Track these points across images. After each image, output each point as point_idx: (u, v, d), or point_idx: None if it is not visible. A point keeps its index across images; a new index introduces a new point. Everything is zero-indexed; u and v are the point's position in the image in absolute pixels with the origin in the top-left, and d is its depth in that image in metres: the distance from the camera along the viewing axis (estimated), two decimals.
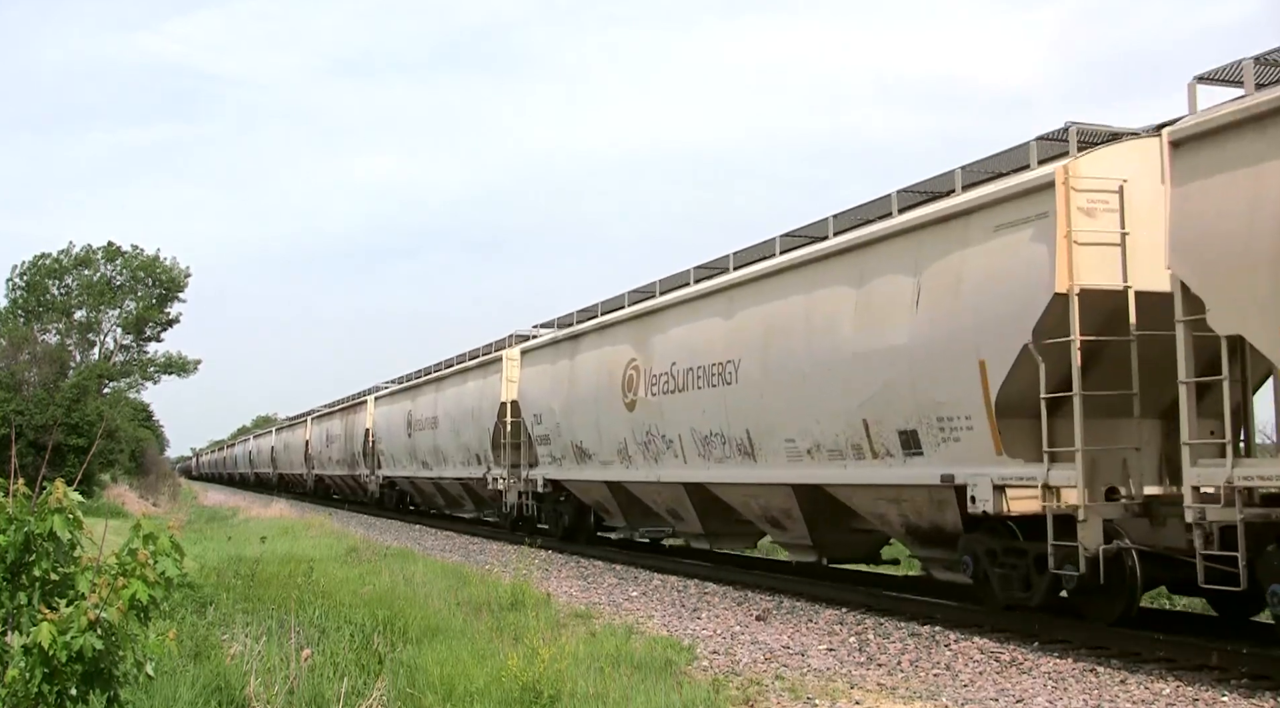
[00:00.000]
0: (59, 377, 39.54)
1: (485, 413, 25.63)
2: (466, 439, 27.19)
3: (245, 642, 8.98)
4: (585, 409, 19.82)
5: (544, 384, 21.90)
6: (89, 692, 4.78)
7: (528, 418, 22.74)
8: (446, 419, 29.06)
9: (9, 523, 4.95)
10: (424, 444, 31.41)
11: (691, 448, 16.19)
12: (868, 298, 12.45)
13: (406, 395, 34.10)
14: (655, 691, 7.78)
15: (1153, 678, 8.97)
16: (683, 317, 16.77)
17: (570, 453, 20.67)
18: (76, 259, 52.20)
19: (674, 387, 16.54)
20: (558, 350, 21.59)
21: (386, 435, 35.98)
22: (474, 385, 27.00)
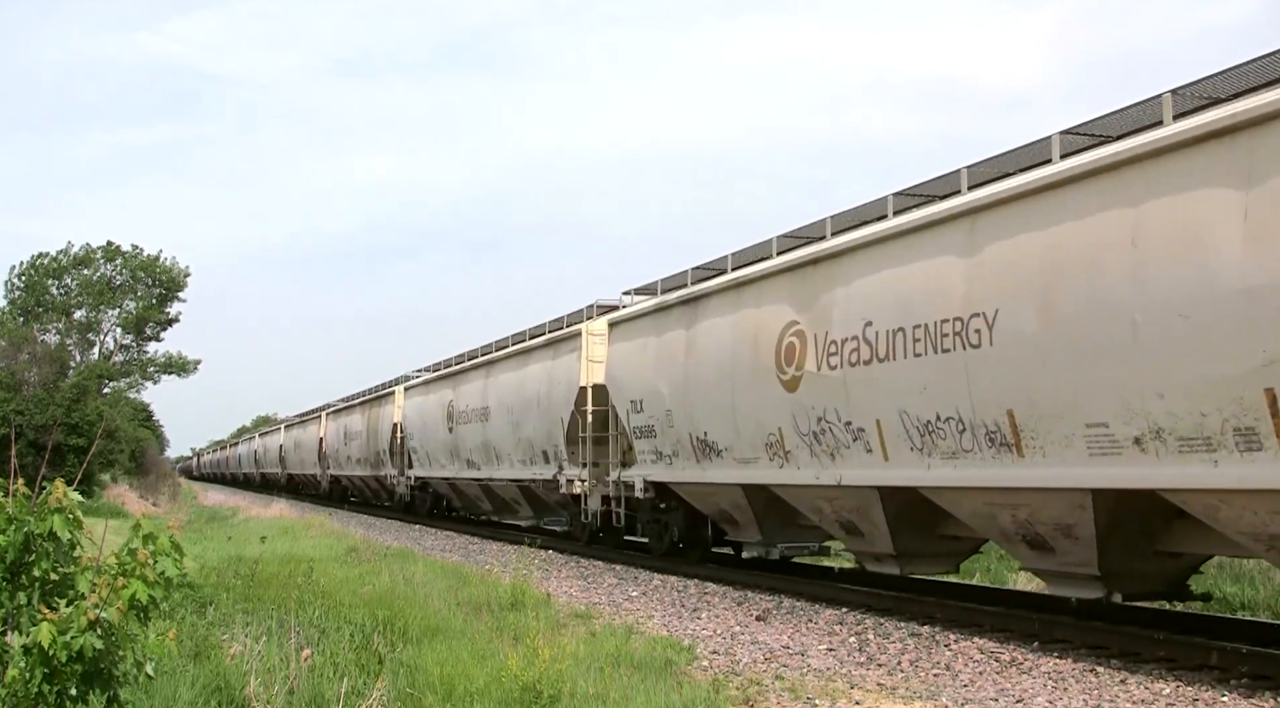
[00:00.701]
0: (59, 377, 39.54)
1: (557, 401, 21.36)
2: (530, 433, 22.81)
3: (245, 642, 8.98)
4: (712, 392, 15.38)
5: (644, 363, 17.64)
6: (89, 692, 4.78)
7: (620, 406, 18.56)
8: (501, 410, 24.63)
9: (9, 523, 4.95)
10: (470, 440, 26.97)
11: (898, 440, 11.79)
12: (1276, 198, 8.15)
13: (446, 384, 29.83)
14: (655, 691, 7.78)
15: (1153, 678, 8.98)
16: (881, 260, 12.22)
17: (687, 448, 16.34)
18: (76, 259, 52.18)
19: (868, 356, 12.14)
20: (665, 319, 17.18)
21: (420, 431, 31.73)
22: (540, 369, 22.69)
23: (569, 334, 21.48)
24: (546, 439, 21.93)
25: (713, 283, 16.05)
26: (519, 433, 23.45)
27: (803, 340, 13.34)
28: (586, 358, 20.05)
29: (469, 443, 27.02)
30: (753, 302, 14.69)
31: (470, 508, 30.94)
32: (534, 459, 22.71)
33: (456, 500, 31.63)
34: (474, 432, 26.56)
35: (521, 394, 23.42)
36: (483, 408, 26.03)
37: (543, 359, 22.69)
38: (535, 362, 23.11)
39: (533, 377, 22.99)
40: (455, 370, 29.46)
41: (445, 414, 29.03)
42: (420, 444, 31.73)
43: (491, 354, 26.88)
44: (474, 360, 28.11)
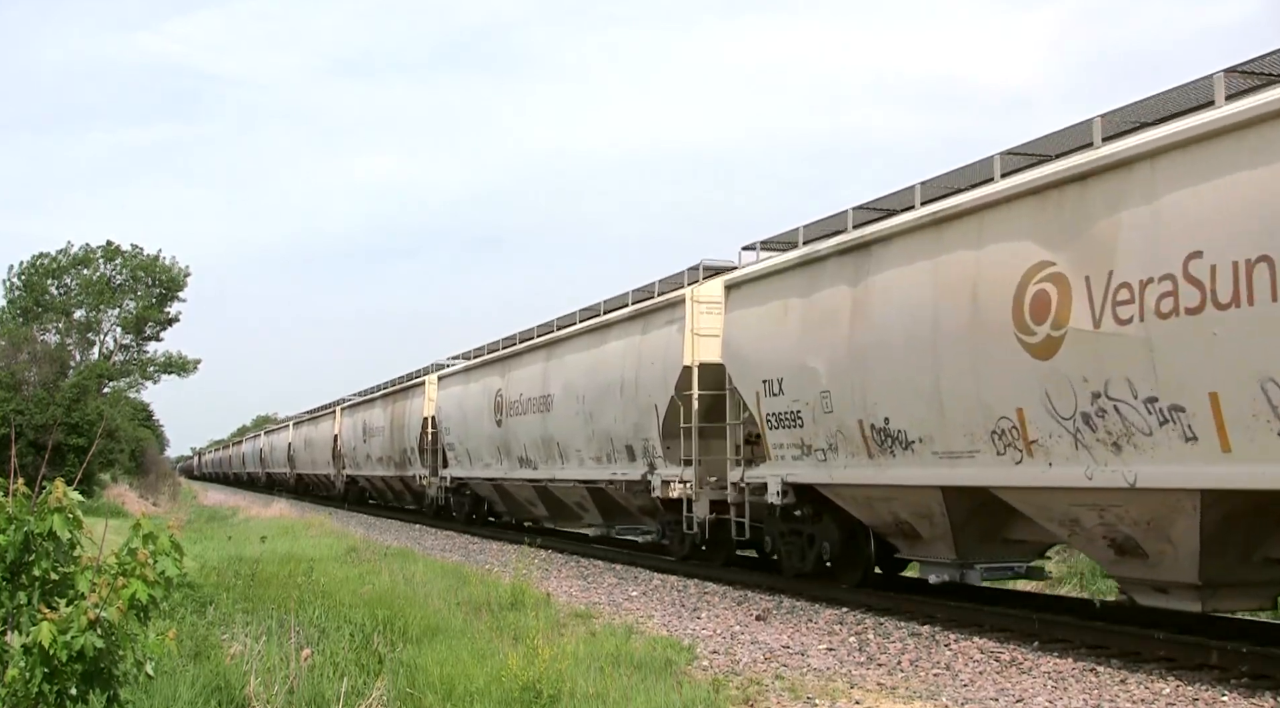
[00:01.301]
0: (59, 376, 39.52)
1: (650, 385, 17.55)
2: (608, 425, 19.03)
3: (245, 642, 8.98)
4: (899, 366, 11.77)
5: (783, 332, 13.87)
6: (89, 691, 4.78)
7: (745, 388, 14.83)
8: (569, 398, 20.76)
9: (9, 523, 4.95)
10: (524, 434, 23.04)
11: (1253, 422, 8.27)
12: None
13: (493, 370, 25.80)
14: (655, 690, 7.79)
15: (1153, 678, 8.97)
16: (1216, 160, 8.55)
17: (854, 440, 12.58)
18: (76, 259, 52.17)
19: (1194, 302, 8.56)
20: (816, 274, 13.30)
21: (458, 425, 27.87)
22: (624, 347, 18.82)
23: (666, 303, 17.65)
24: (633, 432, 18.06)
25: (892, 223, 12.28)
26: (593, 425, 19.61)
27: (1063, 287, 9.73)
28: (691, 330, 16.51)
29: (523, 438, 23.15)
30: (966, 240, 10.98)
31: (518, 513, 26.92)
32: (612, 456, 18.99)
33: (501, 504, 27.20)
34: (530, 425, 22.69)
35: (597, 379, 19.55)
36: (542, 397, 22.07)
37: (628, 335, 18.77)
38: (617, 338, 19.20)
39: (613, 357, 19.08)
40: (505, 354, 25.24)
41: (491, 405, 25.17)
42: (458, 440, 27.90)
43: (555, 333, 22.59)
44: (530, 342, 23.87)
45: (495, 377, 25.53)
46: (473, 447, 26.90)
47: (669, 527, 18.08)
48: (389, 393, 37.09)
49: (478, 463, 26.66)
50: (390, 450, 35.61)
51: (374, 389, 40.84)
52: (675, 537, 18.05)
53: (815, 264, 13.47)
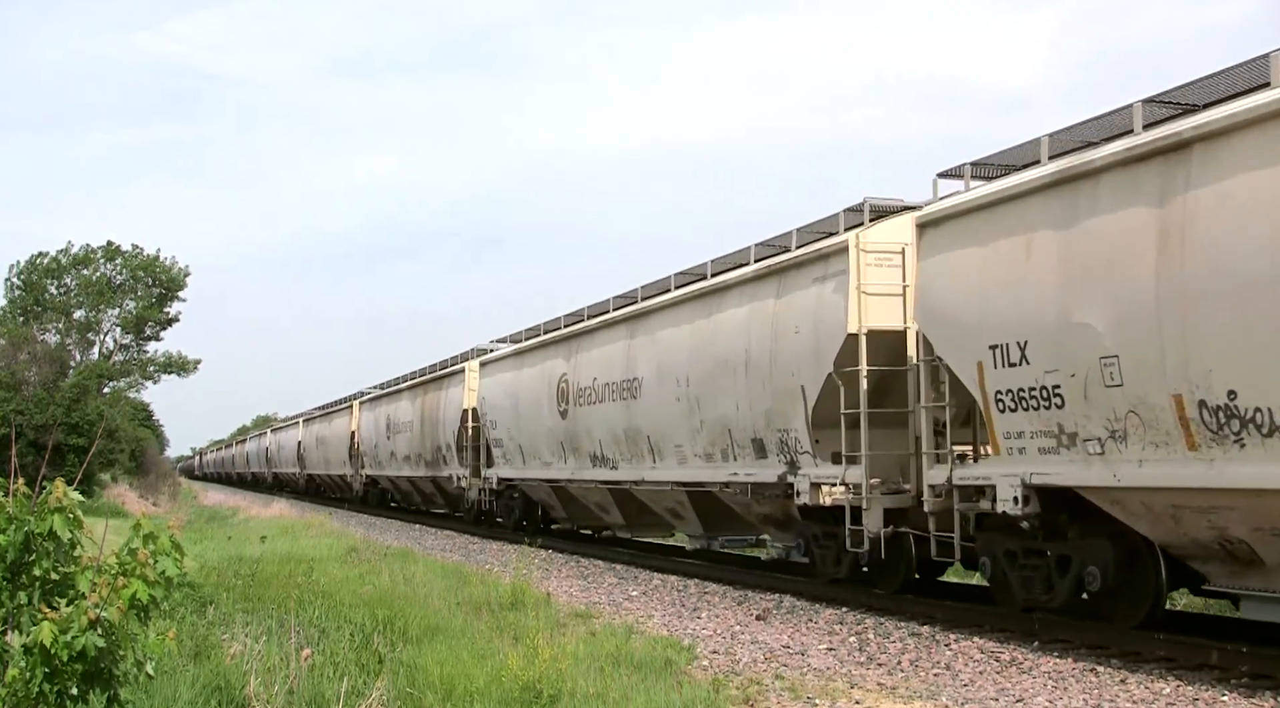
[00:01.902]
0: (59, 376, 39.54)
1: (792, 360, 13.76)
2: (725, 413, 15.26)
3: (245, 641, 8.98)
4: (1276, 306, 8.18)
5: (1028, 278, 10.30)
6: (89, 691, 4.78)
7: (959, 358, 11.31)
8: (665, 382, 16.84)
9: (9, 522, 4.95)
10: (598, 427, 19.28)
11: None
12: None
13: (553, 352, 21.91)
14: (655, 690, 7.79)
15: (1153, 678, 8.97)
16: None
17: (1173, 424, 8.98)
18: (75, 259, 52.18)
19: None
20: (1092, 194, 9.73)
21: (508, 417, 23.94)
22: (746, 314, 14.95)
23: (816, 255, 13.70)
24: (764, 422, 14.50)
25: (1233, 109, 8.69)
26: (700, 414, 15.95)
27: None
28: (857, 287, 12.80)
29: (597, 432, 19.40)
30: None
31: (583, 520, 23.13)
32: (730, 452, 15.38)
33: (561, 510, 23.27)
34: (607, 415, 18.92)
35: (707, 356, 15.77)
36: (625, 381, 18.26)
37: (755, 299, 14.93)
38: (736, 304, 15.34)
39: (732, 328, 15.25)
40: (570, 333, 21.33)
41: (553, 393, 21.33)
42: (508, 435, 23.99)
43: (641, 304, 18.73)
44: (604, 316, 20.08)
45: (557, 360, 21.53)
46: (526, 443, 22.94)
47: (814, 542, 14.13)
48: (419, 383, 32.76)
49: (533, 462, 22.73)
50: (420, 448, 31.72)
51: (399, 380, 36.57)
52: (825, 555, 13.95)
53: (1081, 181, 9.84)
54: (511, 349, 25.07)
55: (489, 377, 25.89)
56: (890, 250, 13.06)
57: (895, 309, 12.92)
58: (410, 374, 35.42)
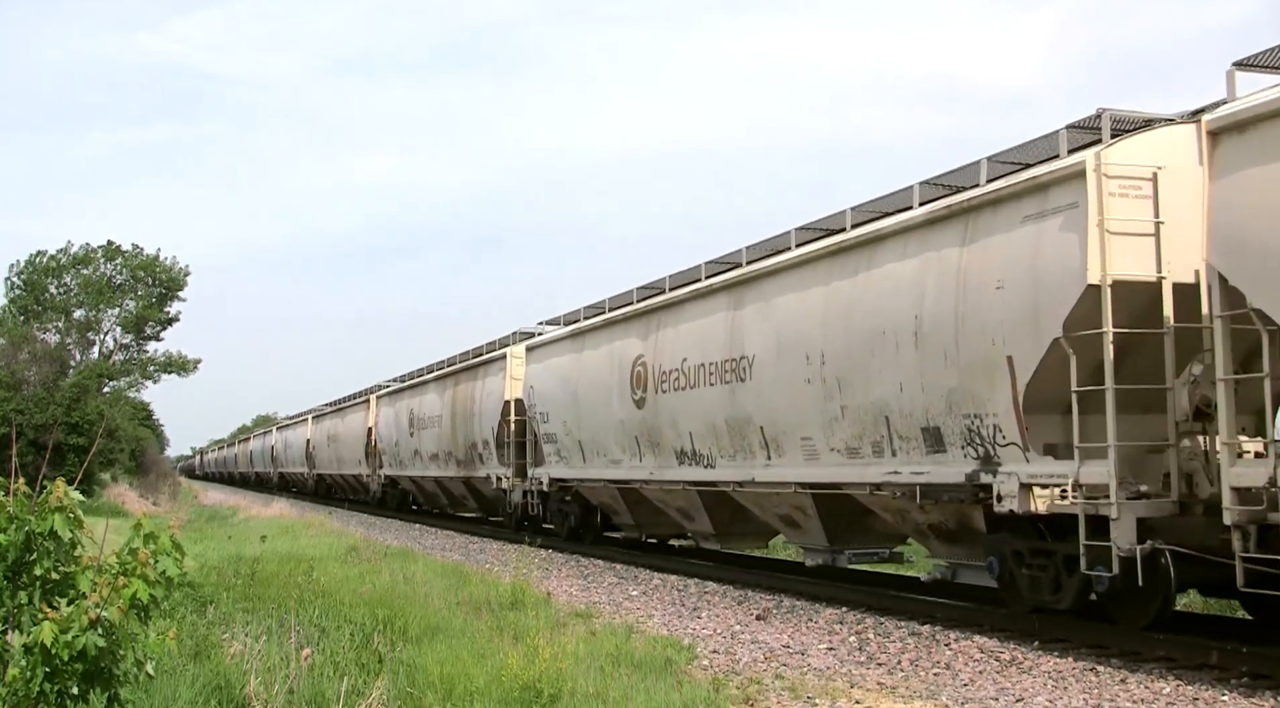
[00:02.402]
0: (59, 376, 39.55)
1: (993, 323, 10.81)
2: (882, 396, 12.26)
3: (245, 641, 8.99)
4: None
5: None
6: (89, 691, 4.78)
7: None
8: (789, 360, 13.73)
9: (10, 522, 4.95)
10: (688, 417, 16.15)
11: None
12: None
13: (624, 331, 18.59)
14: (655, 690, 7.79)
15: (1153, 678, 8.98)
16: None
17: None
18: (75, 258, 52.19)
19: None
20: None
21: (564, 409, 20.73)
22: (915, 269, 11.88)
23: (1033, 184, 10.63)
24: (943, 406, 11.53)
25: None
26: (843, 398, 12.80)
27: None
28: (1099, 224, 9.87)
29: (685, 423, 16.26)
30: None
31: (659, 528, 19.68)
32: (886, 445, 12.25)
33: (628, 515, 19.82)
34: (701, 403, 15.70)
35: (855, 325, 12.55)
36: (730, 361, 14.88)
37: (923, 249, 11.79)
38: (897, 257, 12.08)
39: (890, 288, 12.05)
40: (648, 307, 17.83)
41: (625, 379, 18.07)
42: (565, 429, 20.79)
43: (748, 268, 15.22)
44: (694, 286, 16.55)
45: (630, 339, 18.35)
46: (589, 437, 19.82)
47: (1017, 561, 11.11)
48: (449, 373, 29.51)
49: (597, 459, 19.58)
50: (451, 445, 28.56)
51: (424, 370, 33.32)
52: (1035, 579, 10.97)
53: None
54: (567, 330, 21.43)
55: (538, 363, 22.50)
56: (1139, 176, 10.06)
57: (1146, 253, 9.96)
58: (438, 364, 31.97)
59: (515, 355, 24.28)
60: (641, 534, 20.35)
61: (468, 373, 27.98)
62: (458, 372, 28.91)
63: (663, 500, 18.17)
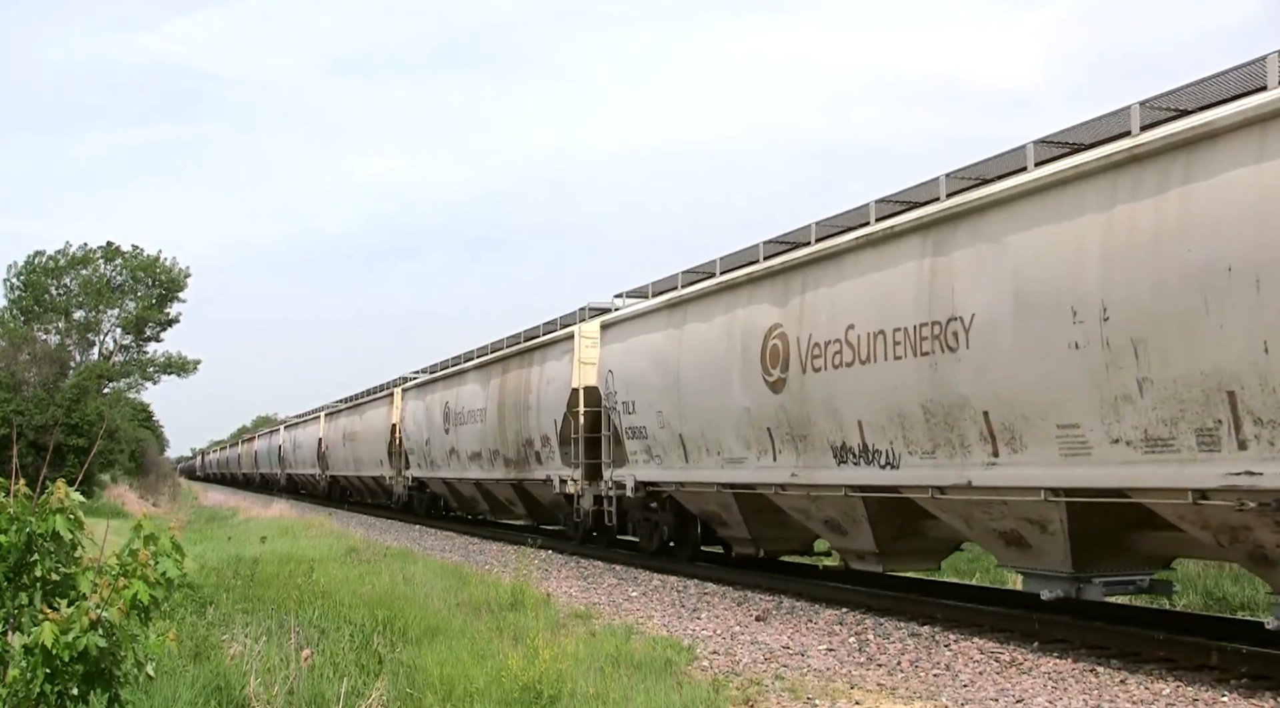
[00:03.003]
0: (59, 377, 39.58)
1: None
2: None
3: (245, 642, 8.99)
4: None
5: None
6: (90, 692, 4.79)
7: None
8: (1076, 305, 9.55)
9: (11, 523, 4.95)
10: (883, 396, 12.05)
11: None
12: None
13: (758, 293, 14.62)
14: (655, 691, 7.79)
15: (1153, 678, 8.98)
16: None
17: None
18: (75, 259, 52.23)
19: None
20: None
21: (662, 394, 16.79)
22: None
23: None
24: None
25: None
26: (1141, 368, 9.08)
27: None
28: None
29: (852, 409, 12.58)
30: None
31: (787, 542, 16.40)
32: (1235, 433, 8.43)
33: (744, 527, 15.88)
34: (881, 382, 12.04)
35: (1162, 267, 8.84)
36: (930, 325, 11.30)
37: None
38: (1235, 162, 8.44)
39: (1230, 214, 8.34)
40: (788, 264, 14.01)
41: (754, 356, 14.26)
42: (659, 421, 16.93)
43: (947, 201, 11.69)
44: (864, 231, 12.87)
45: (761, 306, 14.35)
46: (693, 431, 15.86)
47: None
48: (496, 359, 25.59)
49: (706, 458, 15.64)
50: (497, 442, 24.54)
51: (460, 359, 29.77)
52: None
53: None
54: (660, 301, 17.44)
55: (617, 342, 18.63)
56: None
57: None
58: (480, 350, 28.14)
59: (586, 335, 20.57)
60: (758, 549, 16.37)
61: (520, 358, 23.94)
62: (507, 357, 24.86)
63: (803, 510, 14.20)
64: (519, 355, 24.23)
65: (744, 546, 16.60)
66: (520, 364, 23.96)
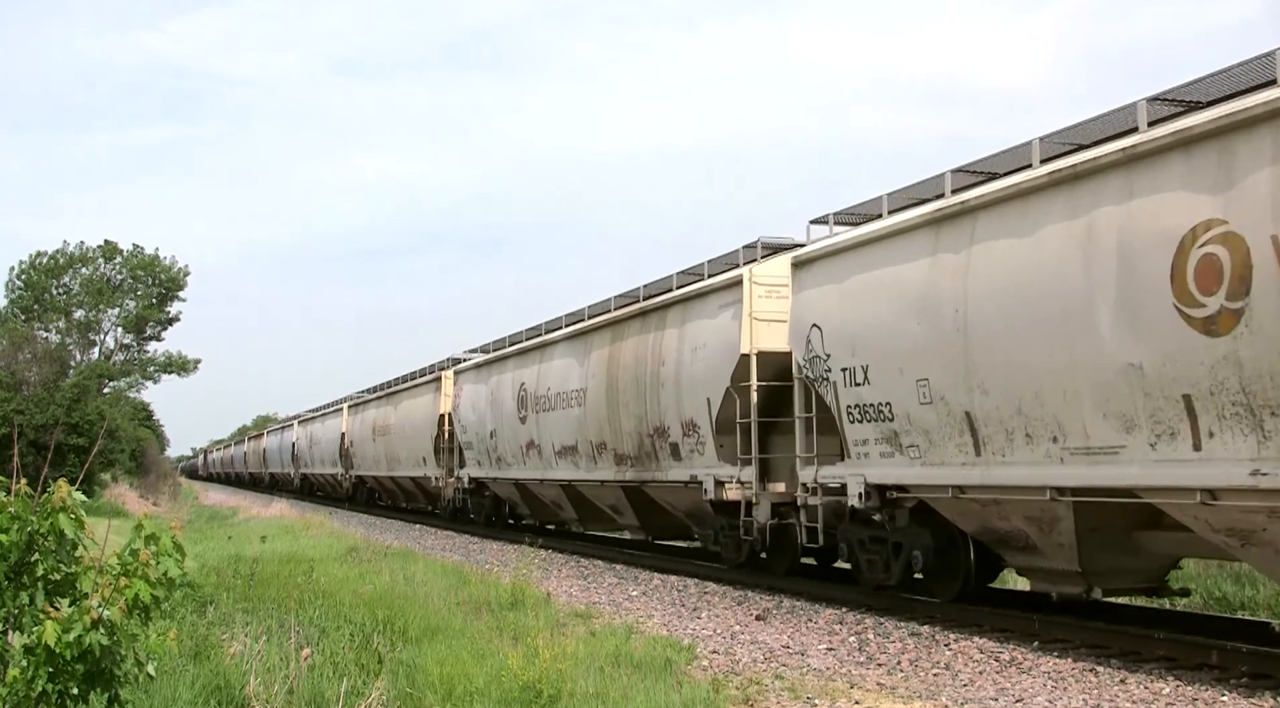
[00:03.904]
0: (59, 376, 39.58)
1: None
2: None
3: (245, 641, 9.00)
4: None
5: None
6: (90, 691, 4.79)
7: None
8: None
9: (12, 522, 4.96)
10: None
11: None
12: None
13: (1189, 160, 8.44)
14: (655, 690, 7.80)
15: (1153, 678, 8.98)
16: None
17: None
18: (75, 259, 52.26)
19: None
20: None
21: (957, 351, 10.82)
22: None
23: None
24: None
25: None
26: None
27: None
28: None
29: None
30: None
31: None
32: None
33: (1043, 554, 10.73)
34: None
35: None
36: None
37: None
38: None
39: None
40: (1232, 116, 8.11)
41: (1155, 273, 8.72)
42: (931, 392, 11.38)
43: None
44: None
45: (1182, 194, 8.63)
46: (999, 407, 10.47)
47: None
48: (603, 324, 19.69)
49: (1014, 447, 10.39)
50: (604, 432, 18.95)
51: (540, 330, 23.80)
52: None
53: None
54: (920, 216, 11.61)
55: (830, 283, 13.13)
56: None
57: None
58: (573, 315, 22.24)
59: (761, 280, 15.03)
60: (1089, 588, 10.68)
61: (644, 320, 17.99)
62: (620, 320, 18.91)
63: (1245, 531, 8.80)
64: (641, 317, 18.28)
65: (1064, 581, 10.83)
66: (644, 328, 18.02)
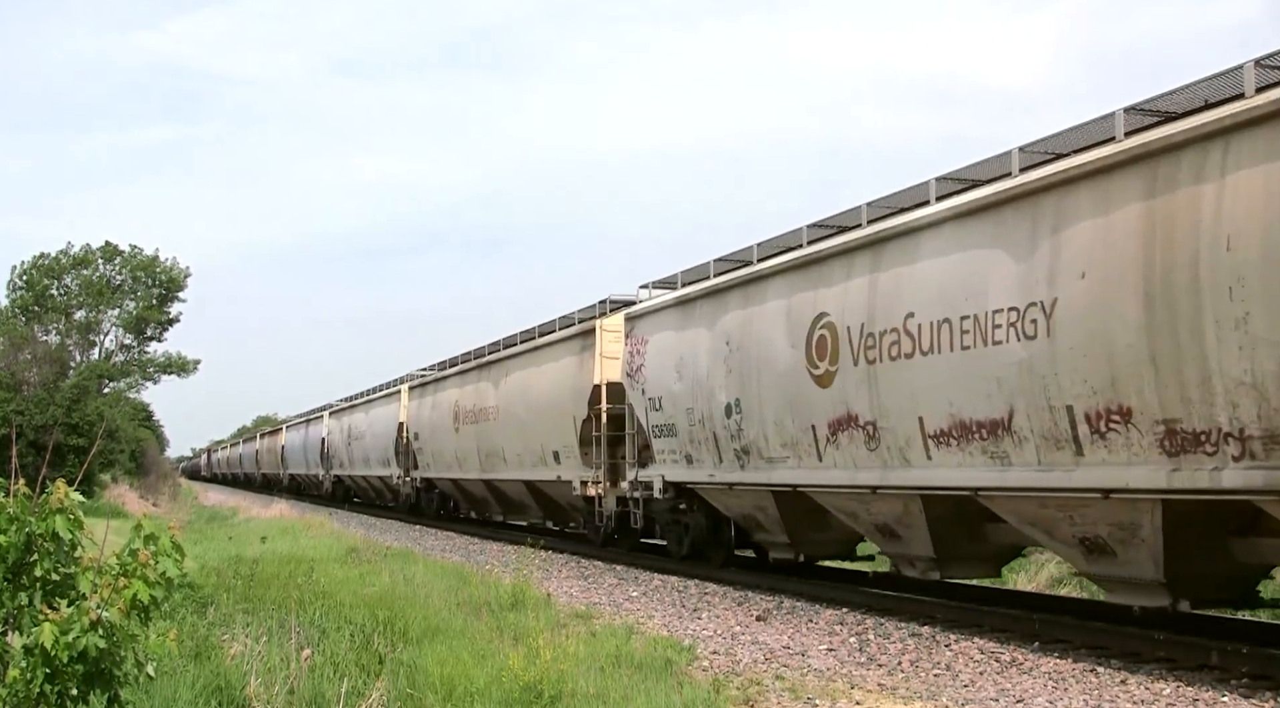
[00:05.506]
0: (59, 377, 39.58)
1: None
2: None
3: (245, 642, 8.99)
4: None
5: None
6: (90, 692, 4.78)
7: None
8: None
9: (10, 523, 4.95)
10: None
11: None
12: None
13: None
14: (655, 691, 7.80)
15: (1153, 678, 8.98)
16: None
17: None
18: (75, 259, 52.26)
19: None
20: None
21: None
22: None
23: None
24: None
25: None
26: None
27: None
28: None
29: None
30: None
31: None
32: None
33: None
34: None
35: None
36: None
37: None
38: None
39: None
40: None
41: None
42: None
43: None
44: None
45: None
46: None
47: None
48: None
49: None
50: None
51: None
52: None
53: None
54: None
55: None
56: None
57: None
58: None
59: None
60: None
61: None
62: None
63: None
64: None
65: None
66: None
